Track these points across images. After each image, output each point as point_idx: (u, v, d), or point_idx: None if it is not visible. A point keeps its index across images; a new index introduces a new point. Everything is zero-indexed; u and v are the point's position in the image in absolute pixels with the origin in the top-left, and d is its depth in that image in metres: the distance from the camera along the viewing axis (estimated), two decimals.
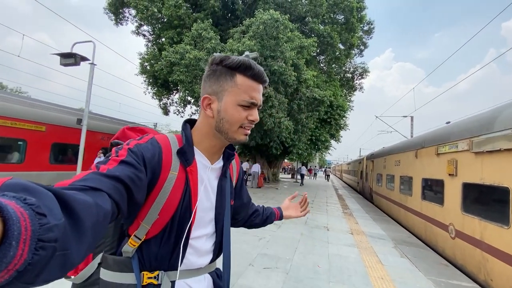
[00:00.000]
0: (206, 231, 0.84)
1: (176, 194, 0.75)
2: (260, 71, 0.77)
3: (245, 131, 0.78)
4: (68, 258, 0.37)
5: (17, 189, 0.34)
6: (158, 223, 0.74)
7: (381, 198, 10.91)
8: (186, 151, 0.78)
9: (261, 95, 0.80)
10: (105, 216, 0.48)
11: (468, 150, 4.41)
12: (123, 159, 0.64)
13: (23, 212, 0.30)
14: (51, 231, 0.33)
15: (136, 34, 15.76)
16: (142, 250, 0.76)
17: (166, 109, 18.73)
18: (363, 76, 20.80)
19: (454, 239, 4.82)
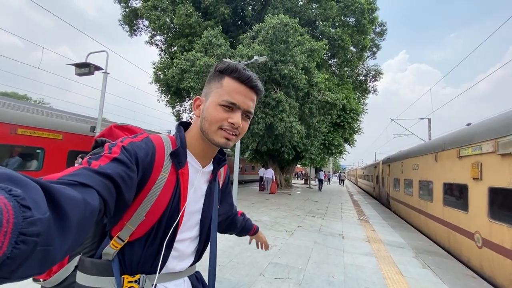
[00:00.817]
0: (190, 234, 0.83)
1: (165, 196, 0.74)
2: (247, 75, 0.76)
3: (225, 134, 0.75)
4: (50, 254, 0.35)
5: (3, 179, 0.32)
6: (144, 225, 0.72)
7: (399, 204, 10.43)
8: (179, 153, 0.77)
9: (248, 100, 0.77)
10: (92, 213, 0.47)
11: (494, 152, 4.10)
12: (116, 157, 0.63)
13: (7, 203, 0.29)
14: (34, 225, 0.32)
15: (150, 44, 16.23)
16: (124, 253, 0.73)
17: (179, 116, 19.05)
18: (376, 78, 20.35)
19: (481, 248, 4.46)
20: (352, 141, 19.39)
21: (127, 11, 13.95)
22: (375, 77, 20.31)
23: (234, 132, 0.76)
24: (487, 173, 4.35)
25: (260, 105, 9.62)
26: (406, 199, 9.35)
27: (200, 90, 9.89)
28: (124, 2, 13.66)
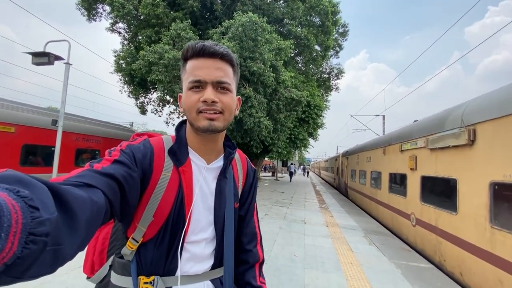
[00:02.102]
0: (205, 235, 0.79)
1: (170, 195, 0.73)
2: (200, 46, 0.70)
3: (205, 115, 0.71)
4: (59, 253, 0.36)
5: (11, 180, 0.33)
6: (153, 226, 0.73)
7: (355, 193, 11.59)
8: (176, 150, 0.77)
9: (213, 70, 0.71)
10: (99, 212, 0.48)
11: (425, 147, 4.96)
12: (116, 159, 0.64)
13: (15, 204, 0.30)
14: (43, 225, 0.32)
15: (111, 31, 15.25)
16: (140, 254, 0.74)
17: (143, 108, 18.30)
18: (338, 77, 21.66)
19: (415, 227, 5.38)
20: (316, 135, 20.58)
21: None
22: (338, 75, 21.62)
23: (214, 110, 0.71)
24: (420, 164, 5.24)
25: None
26: (361, 188, 10.46)
27: (168, 83, 9.77)
28: None
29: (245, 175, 0.95)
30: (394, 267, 4.07)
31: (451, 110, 4.45)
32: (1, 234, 0.27)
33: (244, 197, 0.95)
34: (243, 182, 0.93)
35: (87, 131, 10.31)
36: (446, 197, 4.32)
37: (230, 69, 0.76)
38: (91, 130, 10.57)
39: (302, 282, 3.34)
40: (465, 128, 3.74)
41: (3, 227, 0.28)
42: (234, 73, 0.78)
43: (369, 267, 4.01)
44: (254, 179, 0.98)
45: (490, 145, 3.34)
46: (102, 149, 11.13)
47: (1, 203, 0.28)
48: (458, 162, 3.97)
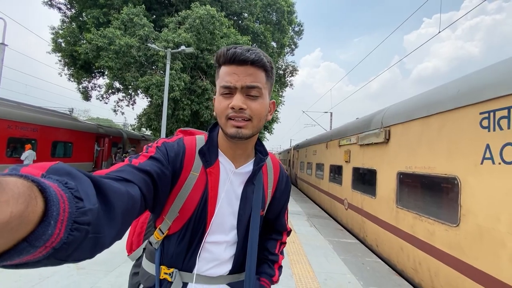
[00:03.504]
0: (226, 238, 0.81)
1: (196, 195, 0.76)
2: (231, 52, 0.71)
3: (233, 123, 0.71)
4: (99, 241, 0.39)
5: (61, 173, 0.36)
6: (178, 221, 0.77)
7: (303, 183, 12.73)
8: (205, 151, 0.79)
9: (244, 76, 0.71)
10: (134, 205, 0.52)
11: (356, 143, 5.88)
12: (152, 155, 0.69)
13: (63, 194, 0.32)
14: (85, 214, 0.34)
15: (49, 5, 13.49)
16: (164, 245, 0.79)
17: (87, 93, 16.71)
18: (293, 74, 22.80)
19: (347, 210, 6.37)
20: (271, 129, 21.53)
21: None
22: (292, 72, 22.74)
23: (242, 117, 0.71)
24: (353, 157, 6.18)
25: (185, 91, 9.80)
26: (308, 178, 11.55)
27: (119, 70, 9.26)
28: None
29: (276, 182, 0.94)
30: (327, 243, 4.87)
31: (375, 113, 5.38)
32: (51, 221, 0.30)
33: (275, 203, 0.95)
34: (273, 189, 0.92)
35: (22, 118, 9.19)
36: (369, 184, 5.26)
37: (263, 74, 0.74)
38: (26, 117, 9.44)
39: None
40: (383, 129, 4.64)
41: (52, 215, 0.30)
42: (268, 78, 0.76)
43: (307, 244, 4.72)
44: (286, 186, 0.98)
45: (398, 143, 4.25)
46: (39, 139, 10.03)
47: (52, 194, 0.31)
48: (378, 156, 4.89)
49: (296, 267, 3.72)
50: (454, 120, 2.97)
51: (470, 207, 2.67)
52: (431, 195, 3.43)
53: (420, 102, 3.80)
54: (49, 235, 0.30)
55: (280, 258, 1.00)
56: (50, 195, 0.31)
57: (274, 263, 0.98)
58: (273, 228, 1.02)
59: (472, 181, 2.66)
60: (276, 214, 0.98)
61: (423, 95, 3.91)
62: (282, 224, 1.02)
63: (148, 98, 11.20)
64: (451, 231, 2.90)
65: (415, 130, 3.79)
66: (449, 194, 3.03)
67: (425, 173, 3.44)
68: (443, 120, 3.16)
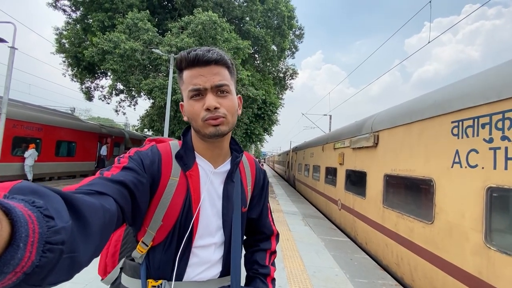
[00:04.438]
0: (213, 239, 0.80)
1: (178, 199, 0.75)
2: (193, 55, 0.71)
3: (210, 122, 0.72)
4: (75, 260, 0.37)
5: (26, 192, 0.34)
6: (162, 230, 0.74)
7: (301, 184, 13.02)
8: (182, 155, 0.78)
9: (211, 76, 0.72)
10: (111, 219, 0.50)
11: (349, 146, 6.19)
12: (125, 165, 0.67)
13: (31, 214, 0.30)
14: (58, 233, 0.33)
15: (54, 7, 13.84)
16: (149, 257, 0.76)
17: (90, 94, 17.04)
18: (293, 77, 23.16)
19: (340, 210, 6.66)
20: (270, 131, 21.81)
21: None
22: (292, 75, 23.09)
23: (217, 116, 0.72)
24: (346, 160, 6.49)
25: None
26: (305, 180, 11.84)
27: (123, 73, 9.59)
28: None
29: (254, 178, 0.95)
30: (319, 241, 5.16)
31: (367, 118, 5.69)
32: (19, 244, 0.28)
33: (255, 200, 0.95)
34: (252, 185, 0.93)
35: (26, 117, 9.51)
36: (360, 186, 5.56)
37: (226, 71, 0.76)
38: (31, 116, 9.76)
39: None
40: (373, 133, 4.94)
41: (21, 237, 0.28)
42: (231, 74, 0.78)
43: (300, 241, 5.02)
44: (264, 182, 0.99)
45: (385, 147, 4.55)
46: (44, 138, 10.34)
47: (18, 214, 0.28)
48: (368, 159, 5.19)
49: (289, 261, 4.01)
50: (431, 127, 3.28)
51: (443, 205, 2.97)
52: (412, 195, 3.73)
53: (405, 110, 4.11)
54: (18, 259, 0.28)
55: (272, 270, 0.96)
56: (16, 216, 0.28)
57: (266, 277, 0.94)
58: (259, 232, 1.00)
59: (444, 182, 2.96)
60: (258, 212, 0.97)
61: (407, 104, 4.22)
62: (267, 225, 1.01)
63: (150, 99, 11.53)
64: (427, 228, 3.20)
65: (399, 135, 4.10)
66: (426, 194, 3.33)
67: (407, 175, 3.75)
68: (422, 127, 3.47)
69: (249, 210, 0.92)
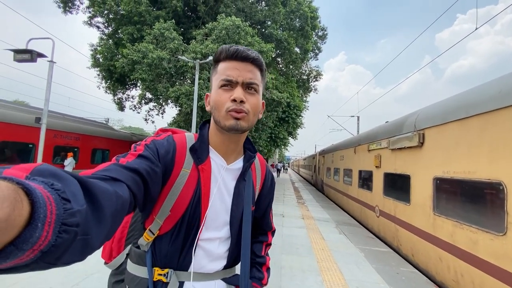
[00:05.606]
0: (219, 234, 0.81)
1: (188, 191, 0.76)
2: (234, 49, 0.75)
3: (232, 114, 0.73)
4: (88, 242, 0.38)
5: (46, 174, 0.35)
6: (170, 220, 0.75)
7: (330, 189, 12.42)
8: (197, 148, 0.79)
9: (245, 72, 0.75)
10: (123, 205, 0.51)
11: (387, 147, 5.68)
12: (141, 153, 0.67)
13: (50, 196, 0.32)
14: (74, 216, 0.34)
15: (89, 25, 14.84)
16: (155, 246, 0.77)
17: (121, 104, 17.95)
18: (317, 78, 22.60)
19: (379, 217, 6.12)
20: (295, 134, 21.39)
21: None
22: (316, 77, 22.55)
23: (241, 110, 0.73)
24: (383, 162, 5.96)
25: None
26: (335, 184, 11.26)
27: (151, 82, 9.88)
28: None
29: (263, 179, 0.97)
30: (358, 251, 4.72)
31: (408, 116, 5.18)
32: (38, 223, 0.29)
33: (261, 201, 0.97)
34: (260, 186, 0.95)
35: (65, 127, 10.13)
36: (402, 190, 5.03)
37: (259, 72, 0.79)
38: (69, 127, 10.40)
39: (279, 264, 3.85)
40: (417, 132, 4.45)
41: (39, 218, 0.29)
42: (262, 77, 0.81)
43: (337, 251, 4.62)
44: (272, 184, 1.02)
45: (434, 147, 4.04)
46: (81, 147, 10.95)
47: (38, 196, 0.30)
48: (411, 160, 4.68)
49: (327, 274, 3.66)
50: (498, 121, 2.79)
51: None
52: (473, 201, 3.21)
53: (457, 103, 3.61)
54: (36, 238, 0.29)
55: (267, 260, 1.02)
56: (36, 197, 0.30)
57: (262, 266, 0.99)
58: (259, 228, 1.05)
59: None
60: (262, 211, 1.01)
61: (460, 96, 3.71)
62: (268, 223, 1.06)
63: (177, 107, 11.77)
64: (497, 240, 2.70)
65: (452, 132, 3.60)
66: (494, 200, 2.82)
67: (465, 178, 3.25)
68: (485, 122, 2.97)
69: (255, 209, 0.94)
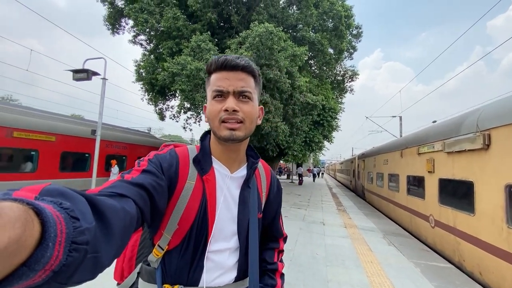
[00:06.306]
0: (228, 245, 0.80)
1: (194, 203, 0.75)
2: (223, 59, 0.75)
3: (226, 125, 0.73)
4: (98, 260, 0.38)
5: (55, 194, 0.36)
6: (178, 233, 0.74)
7: (372, 195, 11.64)
8: (200, 159, 0.79)
9: (235, 81, 0.74)
10: (131, 220, 0.51)
11: (442, 150, 5.11)
12: (145, 169, 0.68)
13: (59, 215, 0.32)
14: (83, 234, 0.34)
15: (133, 43, 16.20)
16: (165, 262, 0.76)
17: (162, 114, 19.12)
18: (353, 78, 21.66)
19: (434, 228, 5.51)
20: (331, 138, 20.62)
21: (112, 11, 13.92)
22: (352, 77, 21.62)
23: (235, 119, 0.73)
24: (438, 167, 5.38)
25: None
26: (378, 190, 10.52)
27: (189, 92, 10.34)
28: (110, 3, 13.62)
29: (269, 185, 0.96)
30: (413, 266, 4.26)
31: (466, 115, 4.61)
32: (49, 243, 0.30)
33: (268, 207, 0.96)
34: (266, 192, 0.94)
35: (115, 138, 11.08)
36: (464, 198, 4.46)
37: (252, 79, 0.78)
38: (118, 137, 11.35)
39: (325, 277, 3.63)
40: (480, 133, 3.92)
41: (50, 237, 0.30)
42: (256, 84, 0.80)
43: (388, 265, 4.23)
44: (278, 189, 1.00)
45: (504, 149, 3.51)
46: (129, 155, 11.87)
47: (48, 215, 0.30)
48: (474, 165, 4.13)
49: None
50: None
51: None
52: None
53: None
54: (48, 257, 0.29)
55: (280, 266, 0.99)
56: (46, 217, 0.30)
57: (274, 272, 0.97)
58: (270, 235, 1.02)
59: None
60: (271, 218, 0.99)
61: None
62: (278, 229, 1.03)
63: None
64: None
65: None
66: None
67: None
68: None
69: (263, 216, 0.92)
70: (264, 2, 12.59)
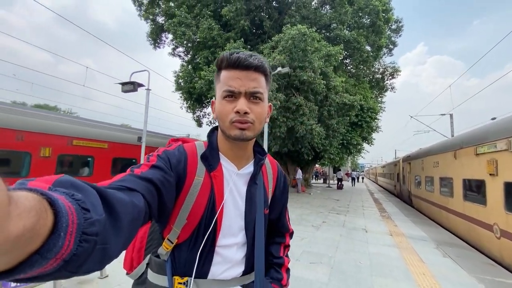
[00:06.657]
0: (236, 240, 0.81)
1: (203, 199, 0.76)
2: (235, 57, 0.72)
3: (237, 125, 0.73)
4: (107, 251, 0.39)
5: (67, 185, 0.37)
6: (187, 228, 0.76)
7: (420, 201, 10.63)
8: (208, 156, 0.80)
9: (248, 81, 0.73)
10: (139, 214, 0.52)
11: (507, 149, 4.47)
12: (154, 164, 0.68)
13: (71, 206, 0.33)
14: (93, 225, 0.35)
15: (172, 55, 17.32)
16: (174, 255, 0.78)
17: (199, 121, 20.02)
18: (393, 76, 20.30)
19: (500, 239, 4.81)
20: (370, 139, 19.44)
21: (154, 27, 15.11)
22: (392, 74, 20.28)
23: (245, 120, 0.73)
24: (502, 169, 4.71)
25: (281, 109, 10.20)
26: (428, 196, 9.58)
27: None
28: (152, 20, 14.82)
29: (275, 180, 0.96)
30: (475, 281, 3.75)
31: None
32: (61, 233, 0.31)
33: (275, 203, 0.97)
34: (273, 188, 0.95)
35: (157, 144, 11.88)
36: None
37: (263, 78, 0.77)
38: (160, 143, 12.15)
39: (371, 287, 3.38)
40: None
41: (62, 227, 0.31)
42: (267, 82, 0.80)
43: (444, 279, 3.78)
44: (285, 185, 1.01)
45: None
46: None
47: (60, 206, 0.31)
48: None
49: None
50: None
51: None
52: None
53: None
54: (59, 247, 0.30)
55: (286, 261, 1.01)
56: (59, 207, 0.31)
57: (280, 267, 0.98)
58: (276, 230, 1.04)
59: None
60: (277, 213, 1.00)
61: None
62: (284, 224, 1.04)
63: None
64: None
65: None
66: None
67: None
68: None
69: (269, 211, 0.93)
70: (296, 5, 12.52)
